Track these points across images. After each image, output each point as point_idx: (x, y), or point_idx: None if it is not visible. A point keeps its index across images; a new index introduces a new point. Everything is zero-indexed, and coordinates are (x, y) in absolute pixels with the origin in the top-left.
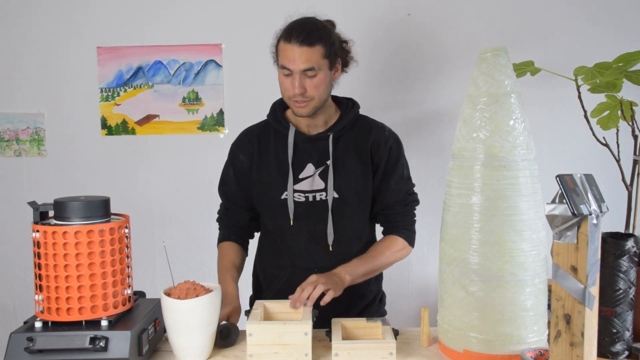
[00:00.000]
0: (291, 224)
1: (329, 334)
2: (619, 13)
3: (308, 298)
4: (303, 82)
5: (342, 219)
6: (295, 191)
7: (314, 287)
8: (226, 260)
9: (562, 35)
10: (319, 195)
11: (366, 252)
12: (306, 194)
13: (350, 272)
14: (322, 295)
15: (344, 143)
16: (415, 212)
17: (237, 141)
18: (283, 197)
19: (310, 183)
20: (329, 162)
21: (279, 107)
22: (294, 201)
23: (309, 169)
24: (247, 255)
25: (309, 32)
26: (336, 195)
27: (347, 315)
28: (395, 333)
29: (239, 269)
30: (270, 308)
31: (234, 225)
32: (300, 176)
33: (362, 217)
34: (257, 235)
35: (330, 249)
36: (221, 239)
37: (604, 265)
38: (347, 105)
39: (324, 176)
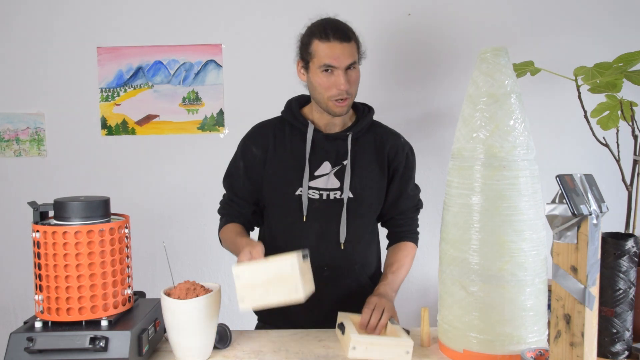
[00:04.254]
0: (304, 220)
1: (341, 327)
2: (619, 13)
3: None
4: (346, 78)
5: (354, 219)
6: (309, 188)
7: (381, 313)
8: (233, 233)
9: (562, 35)
10: (333, 194)
11: (389, 265)
12: (320, 192)
13: (395, 290)
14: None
15: (361, 145)
16: (419, 215)
17: (251, 134)
18: (297, 193)
19: (325, 181)
20: (346, 162)
21: (295, 104)
22: (308, 198)
23: (325, 167)
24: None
25: (344, 29)
26: (351, 195)
27: None
28: (407, 332)
29: (249, 236)
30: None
31: (236, 215)
32: (316, 173)
33: (373, 219)
34: (255, 232)
35: (342, 248)
36: (224, 224)
37: (604, 265)
38: (363, 109)
39: (339, 175)
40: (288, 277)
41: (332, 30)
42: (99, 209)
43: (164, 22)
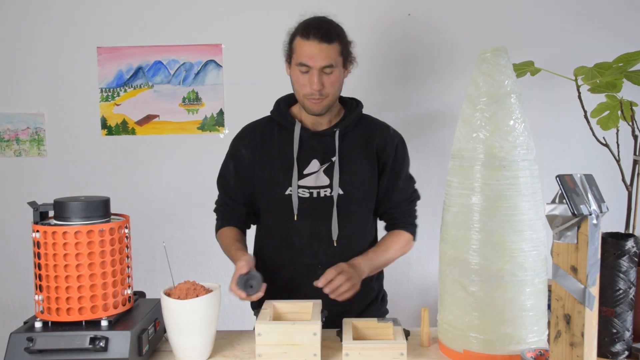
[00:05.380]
0: (295, 219)
1: (339, 334)
2: (619, 13)
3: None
4: (321, 79)
5: (346, 215)
6: (299, 187)
7: (344, 280)
8: (229, 239)
9: (562, 35)
10: (323, 192)
11: (376, 245)
12: (310, 190)
13: (369, 266)
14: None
15: (349, 140)
16: (417, 207)
17: (240, 136)
18: (287, 192)
19: (315, 179)
20: (335, 159)
21: (284, 103)
22: (298, 197)
23: (314, 164)
24: (246, 239)
25: (327, 29)
26: (341, 192)
27: (349, 314)
28: (407, 334)
29: (243, 243)
30: (280, 308)
31: (230, 217)
32: (305, 172)
33: (366, 214)
34: (253, 231)
35: (335, 245)
36: (219, 227)
37: (604, 265)
38: (351, 104)
39: (328, 172)
40: (308, 343)
41: (314, 29)
42: (99, 209)
43: (164, 22)
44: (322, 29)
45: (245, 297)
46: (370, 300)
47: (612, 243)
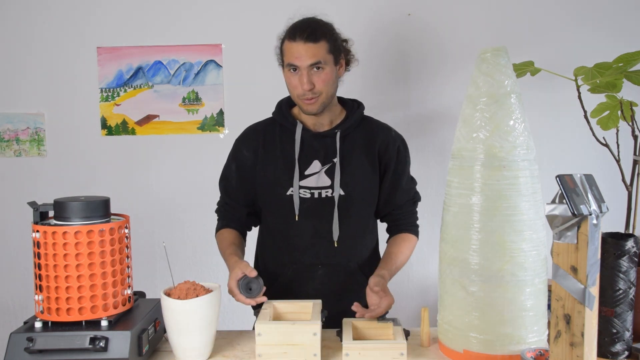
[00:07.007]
0: (296, 219)
1: (339, 334)
2: (619, 13)
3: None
4: (311, 78)
5: (347, 216)
6: (300, 187)
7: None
8: (225, 242)
9: (562, 35)
10: (325, 192)
11: (389, 253)
12: (311, 191)
13: (389, 274)
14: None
15: (350, 142)
16: (417, 208)
17: (242, 136)
18: (289, 193)
19: (316, 180)
20: (336, 160)
21: (285, 105)
22: (299, 197)
23: (315, 165)
24: (245, 242)
25: (313, 29)
26: (342, 193)
27: (349, 314)
28: (407, 334)
29: (240, 247)
30: (280, 308)
31: (231, 219)
32: (306, 172)
33: (367, 215)
34: (255, 231)
35: (336, 245)
36: (219, 228)
37: (604, 265)
38: (352, 106)
39: (330, 173)
40: (308, 343)
41: (299, 30)
42: (99, 209)
43: (164, 22)
44: (307, 30)
45: (246, 300)
46: None
47: (612, 243)
